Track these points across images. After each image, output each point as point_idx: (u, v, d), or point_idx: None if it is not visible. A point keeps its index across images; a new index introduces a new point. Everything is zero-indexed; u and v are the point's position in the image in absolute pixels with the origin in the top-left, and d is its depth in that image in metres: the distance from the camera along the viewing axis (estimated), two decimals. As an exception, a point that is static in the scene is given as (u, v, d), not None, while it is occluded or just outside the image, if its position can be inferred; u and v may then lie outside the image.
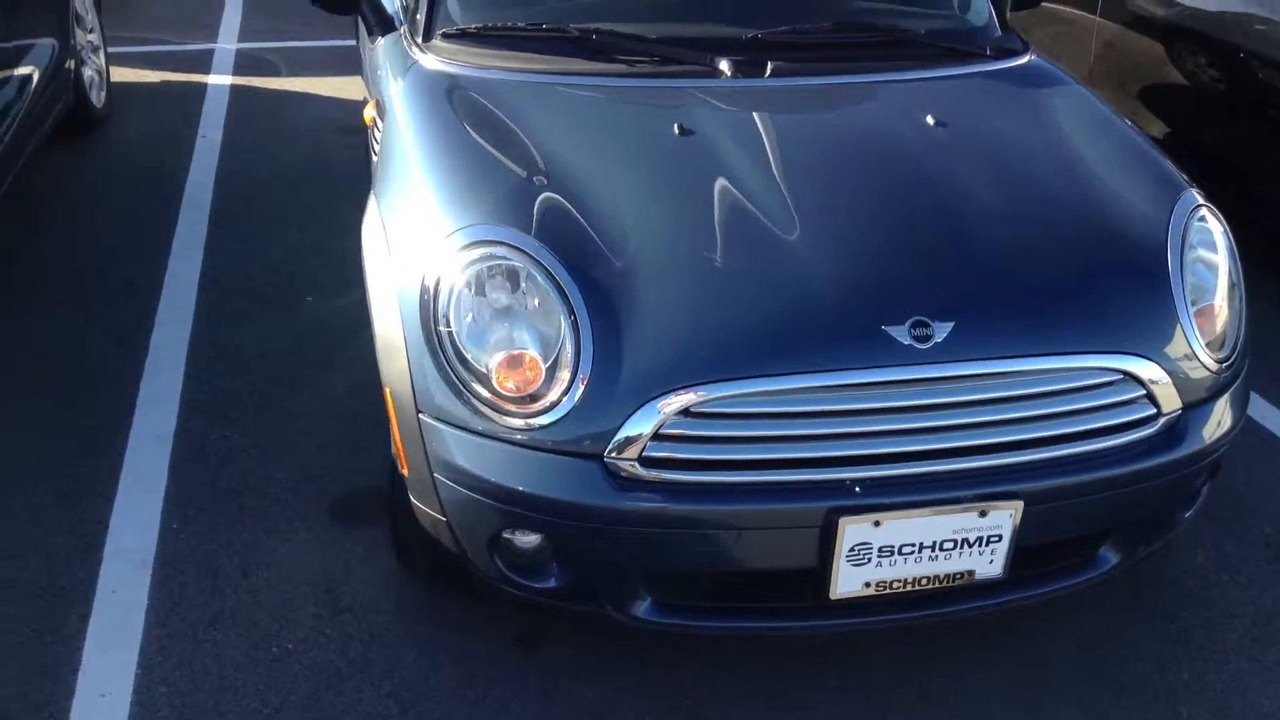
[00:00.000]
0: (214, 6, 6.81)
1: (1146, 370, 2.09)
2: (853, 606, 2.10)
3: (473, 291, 2.05)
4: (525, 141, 2.35)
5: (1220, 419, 2.19)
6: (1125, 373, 2.08)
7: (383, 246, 2.24)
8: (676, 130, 2.39)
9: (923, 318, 2.01)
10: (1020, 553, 2.09)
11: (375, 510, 2.74)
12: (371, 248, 2.29)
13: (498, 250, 2.07)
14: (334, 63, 5.84)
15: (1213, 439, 2.18)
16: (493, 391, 2.01)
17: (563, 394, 1.98)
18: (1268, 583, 2.62)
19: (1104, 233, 2.26)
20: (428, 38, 2.69)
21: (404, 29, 2.80)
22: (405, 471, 2.17)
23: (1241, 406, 2.28)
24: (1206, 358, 2.17)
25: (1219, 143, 4.02)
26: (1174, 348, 2.14)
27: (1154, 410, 2.11)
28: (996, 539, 2.04)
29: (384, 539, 2.66)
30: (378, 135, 2.61)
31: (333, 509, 2.77)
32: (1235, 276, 2.31)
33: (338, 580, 2.55)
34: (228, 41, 6.19)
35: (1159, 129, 4.28)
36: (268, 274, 3.84)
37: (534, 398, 2.00)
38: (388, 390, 2.15)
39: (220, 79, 5.63)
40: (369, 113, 2.71)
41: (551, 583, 2.12)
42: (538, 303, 2.03)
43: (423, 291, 2.08)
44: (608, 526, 1.99)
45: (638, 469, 1.96)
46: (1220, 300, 2.25)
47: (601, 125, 2.47)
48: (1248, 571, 2.65)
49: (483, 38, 2.67)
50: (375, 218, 2.33)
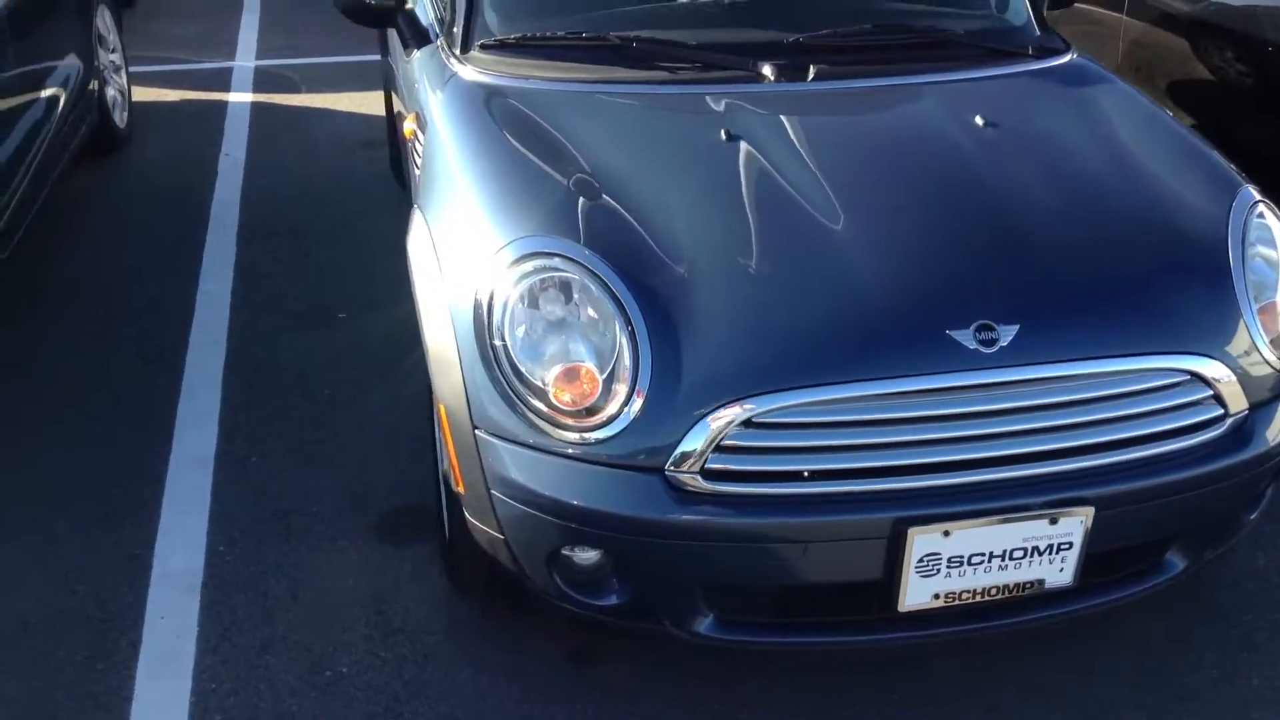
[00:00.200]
0: (231, 25, 6.80)
1: (1213, 370, 2.05)
2: (920, 618, 2.06)
3: (526, 305, 2.02)
4: (571, 151, 2.32)
5: (1287, 418, 2.15)
6: (1192, 373, 2.04)
7: (432, 262, 2.21)
8: (723, 136, 2.35)
9: (987, 321, 1.97)
10: (1089, 560, 2.05)
11: (422, 527, 2.71)
12: (420, 263, 2.26)
13: (550, 262, 2.04)
14: (352, 78, 5.83)
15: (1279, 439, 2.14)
16: (549, 405, 1.98)
17: (621, 406, 1.94)
18: (1331, 583, 2.58)
19: (1163, 231, 2.22)
20: (465, 49, 2.67)
21: (440, 41, 2.78)
22: (461, 489, 2.13)
23: (1306, 405, 2.24)
24: (1271, 355, 2.13)
25: (1251, 137, 3.97)
26: (1238, 346, 2.10)
27: (1221, 411, 2.08)
28: (1067, 546, 2.01)
29: (432, 557, 2.63)
30: (419, 149, 2.58)
31: (379, 527, 2.74)
32: None
33: (388, 600, 2.52)
34: (246, 59, 6.19)
35: (1188, 125, 4.22)
36: (299, 291, 3.82)
37: (591, 411, 1.97)
38: (441, 407, 2.12)
39: (240, 96, 5.62)
40: (409, 126, 2.68)
41: (612, 600, 2.09)
42: (593, 314, 2.00)
43: (475, 306, 2.05)
44: (669, 541, 1.96)
45: (700, 482, 1.93)
46: (1282, 297, 2.21)
47: (647, 133, 2.44)
48: (1310, 572, 2.61)
49: (522, 48, 2.64)
50: (423, 232, 2.30)
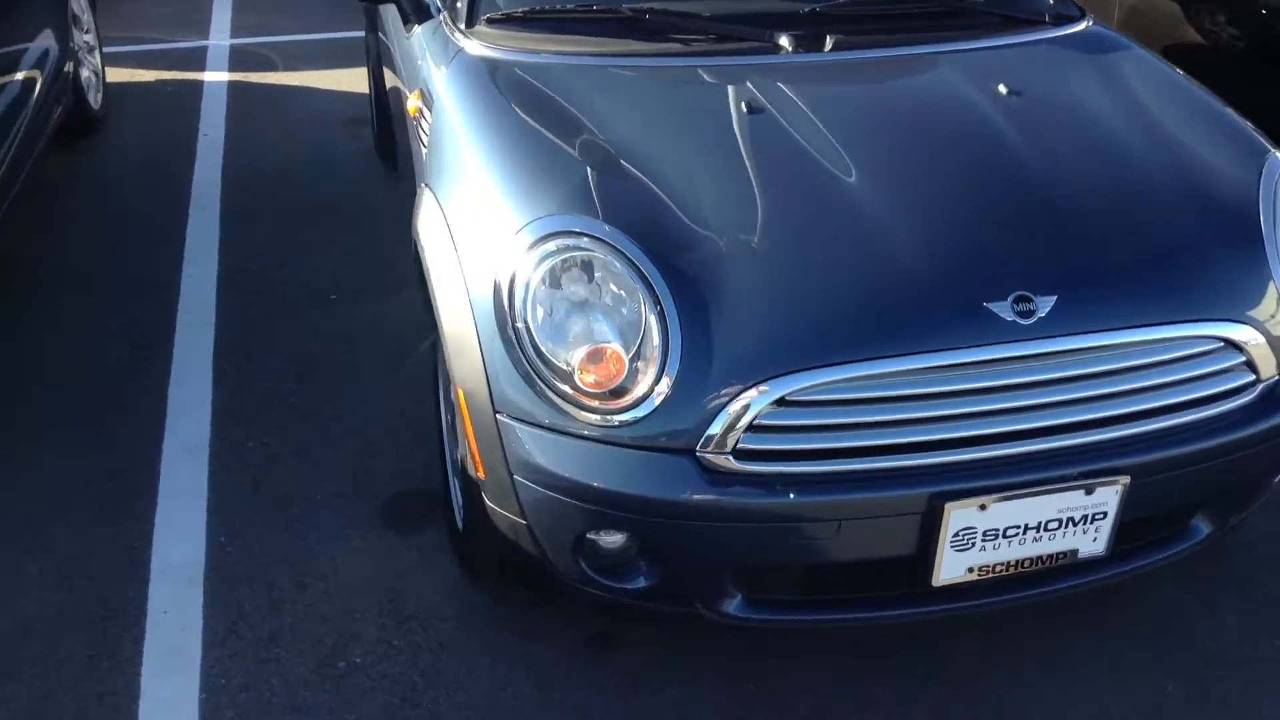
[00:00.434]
0: (203, 3, 6.63)
1: (1245, 336, 2.02)
2: (951, 591, 2.02)
3: (548, 286, 1.95)
4: (587, 126, 2.25)
5: (1315, 383, 2.13)
6: (1225, 339, 2.01)
7: (447, 243, 2.14)
8: (744, 109, 2.28)
9: (1025, 292, 1.92)
10: (1120, 528, 2.02)
11: (428, 513, 2.65)
12: (434, 244, 2.19)
13: (571, 241, 1.97)
14: (330, 55, 5.71)
15: (1309, 404, 2.12)
16: (574, 388, 1.91)
17: (650, 387, 1.88)
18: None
19: (1194, 198, 2.18)
20: (470, 23, 2.58)
21: (443, 15, 2.68)
22: (481, 474, 2.07)
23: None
24: None
25: (1245, 101, 3.95)
26: (1269, 312, 2.07)
27: (1253, 377, 2.05)
28: (1101, 516, 1.97)
29: (440, 542, 2.56)
30: (425, 127, 2.50)
31: (383, 513, 2.67)
32: None
33: (398, 588, 2.46)
34: (220, 38, 6.04)
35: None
36: (287, 273, 3.72)
37: (617, 392, 1.90)
38: (460, 391, 2.05)
39: (216, 76, 5.48)
40: (413, 104, 2.60)
41: (640, 583, 2.03)
42: (618, 292, 1.93)
43: (495, 289, 1.98)
44: (702, 523, 1.91)
45: (732, 462, 1.87)
46: (1313, 262, 2.18)
47: (664, 107, 2.36)
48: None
49: (529, 21, 2.56)
50: (435, 212, 2.23)
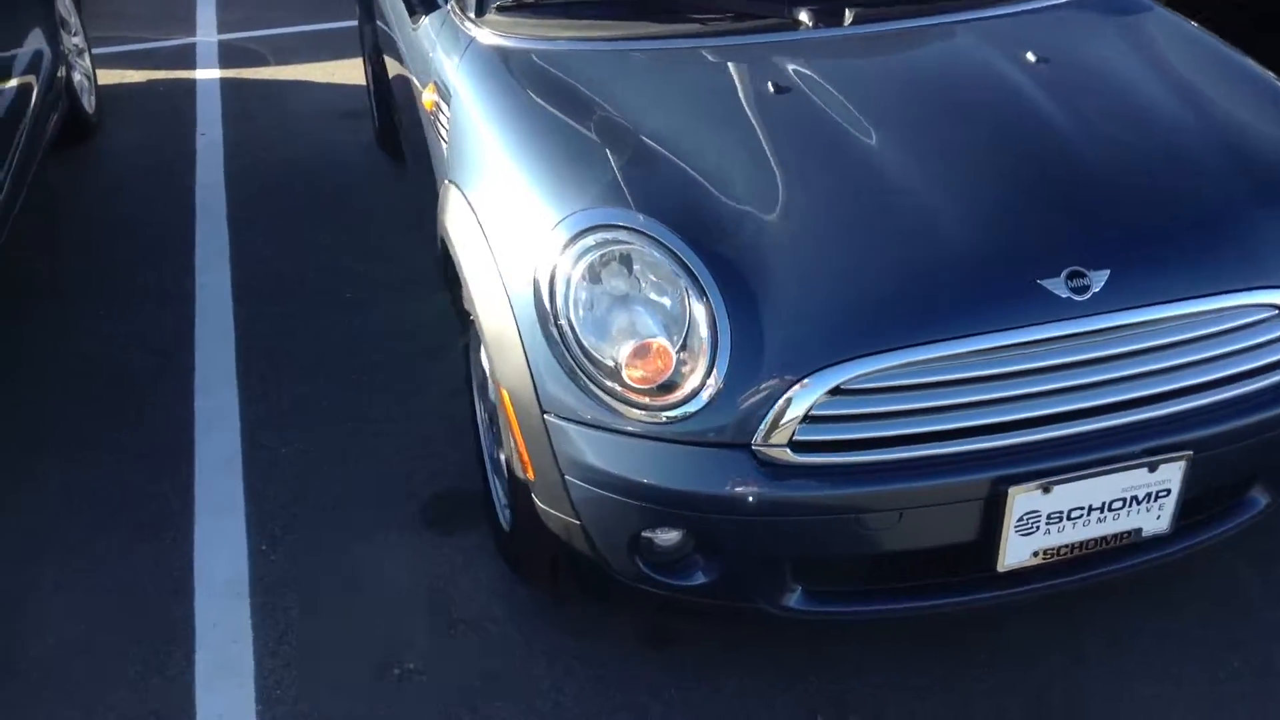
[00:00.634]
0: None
1: (1298, 302, 2.00)
2: (1016, 576, 2.00)
3: (589, 282, 1.92)
4: (612, 114, 2.21)
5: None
6: (1278, 307, 1.98)
7: (479, 240, 2.10)
8: (771, 89, 2.24)
9: (1078, 267, 1.89)
10: (1182, 504, 2.00)
11: (469, 513, 2.62)
12: (466, 242, 2.15)
13: (610, 235, 1.94)
14: (321, 48, 5.63)
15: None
16: (622, 384, 1.88)
17: (702, 380, 1.86)
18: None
19: (1237, 161, 2.15)
20: (481, 12, 2.53)
21: (451, 5, 2.64)
22: (530, 475, 2.04)
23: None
24: None
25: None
26: (1319, 276, 2.04)
27: (1311, 342, 2.02)
28: (1165, 494, 1.95)
29: (483, 543, 2.54)
30: (444, 120, 2.45)
31: (424, 516, 2.65)
32: None
33: (445, 591, 2.44)
34: (208, 34, 5.95)
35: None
36: (301, 274, 3.68)
37: (667, 387, 1.88)
38: (504, 392, 2.02)
39: (208, 73, 5.41)
40: (429, 97, 2.55)
41: (699, 579, 2.01)
42: (658, 283, 1.90)
43: (535, 287, 1.94)
44: (760, 518, 1.88)
45: (789, 455, 1.85)
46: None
47: (689, 90, 2.32)
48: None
49: (541, 7, 2.52)
50: (464, 210, 2.19)
